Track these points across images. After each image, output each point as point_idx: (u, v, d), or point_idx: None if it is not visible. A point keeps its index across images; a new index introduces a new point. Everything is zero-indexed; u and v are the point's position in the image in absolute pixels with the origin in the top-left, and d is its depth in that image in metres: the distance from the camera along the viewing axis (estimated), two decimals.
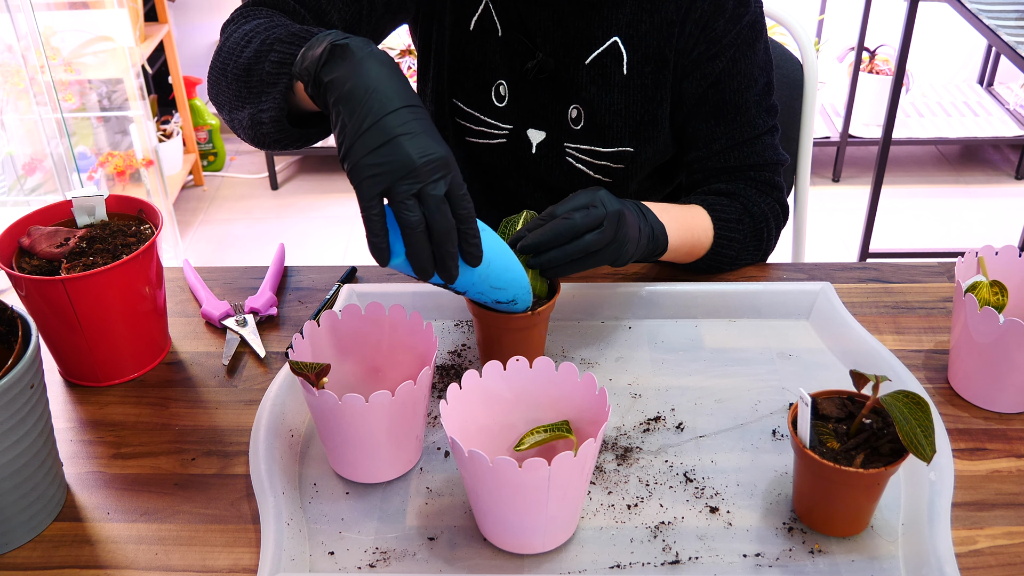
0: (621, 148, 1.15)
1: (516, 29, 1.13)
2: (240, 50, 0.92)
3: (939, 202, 3.21)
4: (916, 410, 0.73)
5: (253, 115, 0.91)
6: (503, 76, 1.16)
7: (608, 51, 1.11)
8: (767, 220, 1.15)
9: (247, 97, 0.91)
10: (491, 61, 1.15)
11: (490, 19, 1.14)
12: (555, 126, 1.16)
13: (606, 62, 1.11)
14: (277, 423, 0.90)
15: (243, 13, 1.01)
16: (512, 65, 1.15)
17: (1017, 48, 2.11)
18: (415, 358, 0.87)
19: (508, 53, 1.15)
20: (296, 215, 3.21)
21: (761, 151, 1.15)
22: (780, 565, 0.77)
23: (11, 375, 0.74)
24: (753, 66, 1.12)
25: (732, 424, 0.92)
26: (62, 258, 0.94)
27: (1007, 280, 0.94)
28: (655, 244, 1.01)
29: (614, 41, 1.11)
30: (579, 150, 1.16)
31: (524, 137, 1.17)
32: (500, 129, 1.18)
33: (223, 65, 0.95)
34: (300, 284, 1.15)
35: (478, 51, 1.16)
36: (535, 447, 0.79)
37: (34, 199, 2.65)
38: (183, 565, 0.79)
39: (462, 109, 1.19)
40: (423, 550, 0.79)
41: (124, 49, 2.66)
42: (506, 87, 1.15)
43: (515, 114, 1.17)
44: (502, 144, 1.19)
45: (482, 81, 1.17)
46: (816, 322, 1.05)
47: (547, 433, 0.78)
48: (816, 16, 3.42)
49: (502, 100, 1.16)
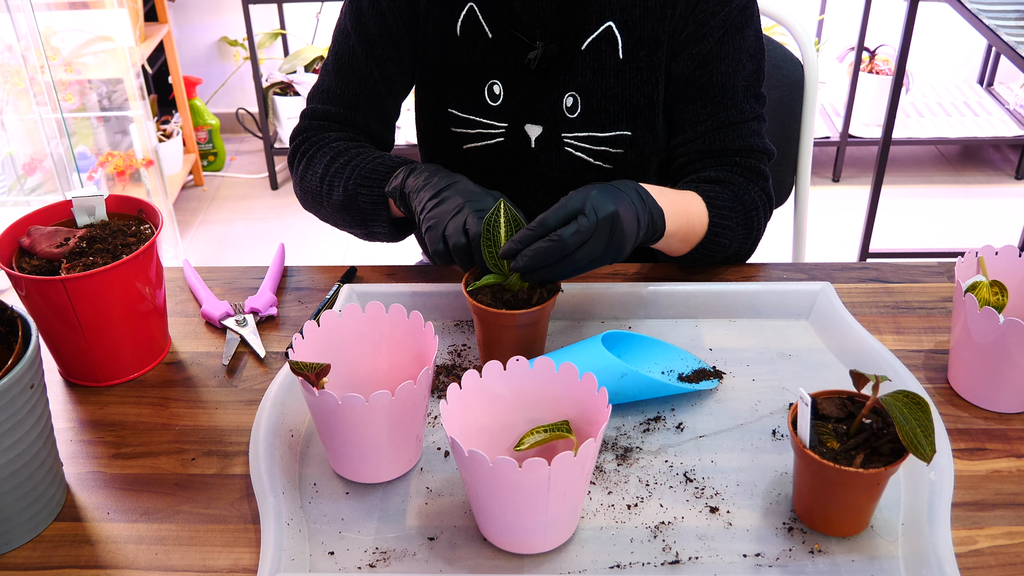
0: (619, 132, 1.15)
1: (509, 26, 1.13)
2: (328, 193, 1.15)
3: (939, 202, 3.21)
4: (916, 410, 0.73)
5: (366, 233, 1.17)
6: (496, 75, 1.16)
7: (603, 36, 1.12)
8: (756, 209, 1.14)
9: (353, 223, 1.16)
10: (482, 63, 1.16)
11: (475, 22, 1.15)
12: (551, 117, 1.16)
13: (601, 47, 1.13)
14: (277, 423, 0.90)
15: (304, 146, 1.20)
16: (505, 63, 1.15)
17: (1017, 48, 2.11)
18: (415, 358, 0.87)
19: (500, 51, 1.15)
20: (296, 215, 3.21)
21: (747, 136, 1.15)
22: (780, 565, 0.77)
23: (11, 375, 0.74)
24: (741, 50, 1.13)
25: (732, 424, 0.92)
26: (62, 258, 0.94)
27: (1007, 280, 0.94)
28: (653, 229, 0.99)
29: (608, 26, 1.12)
30: (577, 138, 1.16)
31: (522, 133, 1.17)
32: (497, 128, 1.18)
33: (315, 202, 1.19)
34: (300, 284, 1.15)
35: (467, 55, 1.16)
36: (535, 447, 0.79)
37: (34, 199, 2.65)
38: (183, 565, 0.79)
39: (457, 116, 1.19)
40: (423, 550, 0.79)
41: (124, 49, 2.66)
42: (500, 86, 1.16)
43: (511, 111, 1.17)
44: (500, 143, 1.19)
45: (474, 84, 1.17)
46: (816, 322, 1.05)
47: (547, 433, 0.78)
48: (816, 16, 3.41)
49: (496, 99, 1.17)
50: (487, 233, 0.91)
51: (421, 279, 1.14)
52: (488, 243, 0.91)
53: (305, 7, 3.40)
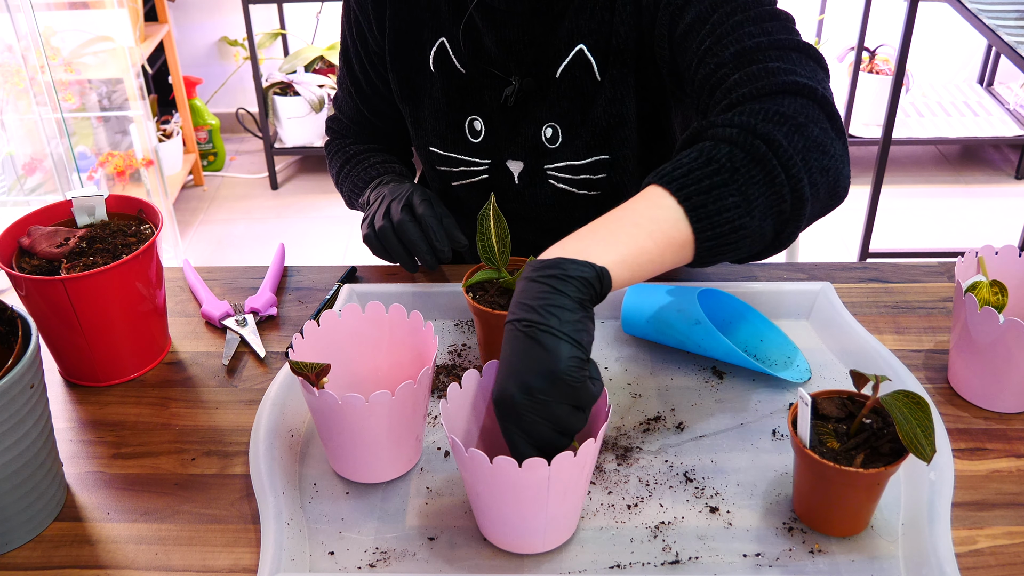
0: (596, 158, 1.12)
1: (481, 62, 1.11)
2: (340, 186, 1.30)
3: (939, 202, 3.21)
4: (916, 410, 0.73)
5: None
6: (475, 111, 1.14)
7: (576, 60, 1.08)
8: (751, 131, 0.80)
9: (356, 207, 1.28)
10: (458, 99, 1.14)
11: (446, 58, 1.12)
12: (532, 152, 1.13)
13: (575, 73, 1.08)
14: (277, 423, 0.90)
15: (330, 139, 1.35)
16: (483, 99, 1.13)
17: (1017, 48, 2.11)
18: (415, 358, 0.87)
19: (476, 87, 1.12)
20: (296, 215, 3.21)
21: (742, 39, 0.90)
22: (780, 565, 0.77)
23: (11, 375, 0.74)
24: None
25: (732, 424, 0.92)
26: (62, 258, 0.94)
27: (1007, 280, 0.94)
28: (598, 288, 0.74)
29: (580, 49, 1.07)
30: (558, 168, 1.13)
31: (505, 168, 1.15)
32: (480, 164, 1.16)
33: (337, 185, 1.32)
34: (300, 284, 1.15)
35: (442, 92, 1.14)
36: None
37: (34, 199, 2.65)
38: (183, 565, 0.79)
39: (439, 155, 1.18)
40: (423, 550, 0.79)
41: (124, 49, 2.66)
42: (481, 122, 1.13)
43: (493, 147, 1.15)
44: (484, 180, 1.17)
45: (453, 120, 1.15)
46: (816, 322, 1.05)
47: None
48: (816, 16, 3.42)
49: (478, 135, 1.14)
50: (480, 227, 0.93)
51: (421, 279, 1.14)
52: (481, 236, 0.93)
53: (305, 7, 3.40)
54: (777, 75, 0.86)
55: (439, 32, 1.12)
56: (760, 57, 0.89)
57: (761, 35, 0.91)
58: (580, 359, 0.70)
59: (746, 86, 0.86)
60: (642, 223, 0.76)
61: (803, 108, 0.83)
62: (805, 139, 0.81)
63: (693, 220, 0.77)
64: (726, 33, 0.92)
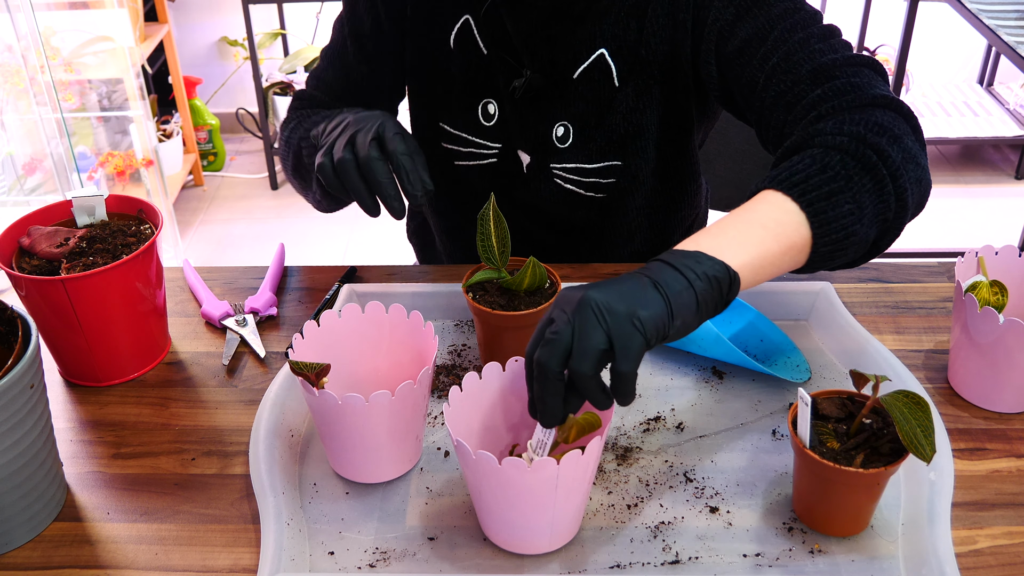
0: (608, 163, 1.11)
1: (501, 47, 1.10)
2: (286, 156, 1.17)
3: (939, 202, 3.21)
4: (916, 410, 0.73)
5: (313, 200, 1.16)
6: (491, 94, 1.13)
7: (595, 64, 1.07)
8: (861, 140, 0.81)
9: (305, 187, 1.15)
10: (476, 79, 1.12)
11: (471, 36, 1.11)
12: (540, 147, 1.12)
13: (594, 76, 1.08)
14: (277, 423, 0.90)
15: (288, 118, 1.21)
16: (498, 84, 1.12)
17: (1017, 48, 2.11)
18: (415, 358, 0.87)
19: (495, 71, 1.11)
20: (296, 215, 3.21)
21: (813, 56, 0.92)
22: (780, 565, 0.77)
23: (11, 375, 0.74)
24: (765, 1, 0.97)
25: (732, 424, 0.92)
26: (62, 258, 0.94)
27: (1007, 280, 0.94)
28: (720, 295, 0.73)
29: (600, 53, 1.06)
30: (566, 169, 1.12)
31: (515, 156, 1.14)
32: (490, 148, 1.15)
33: (284, 166, 1.19)
34: (300, 284, 1.15)
35: (461, 70, 1.13)
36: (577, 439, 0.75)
37: (34, 199, 2.65)
38: (183, 565, 0.79)
39: (449, 132, 1.16)
40: (423, 550, 0.79)
41: (124, 49, 2.66)
42: (495, 105, 1.12)
43: (505, 133, 1.14)
44: (493, 164, 1.16)
45: (468, 101, 1.14)
46: (816, 322, 1.05)
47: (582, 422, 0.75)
48: None
49: (491, 119, 1.13)
50: (480, 227, 0.92)
51: (421, 279, 1.14)
52: (481, 236, 0.92)
53: (305, 7, 3.40)
54: (863, 89, 0.88)
55: (463, 8, 1.11)
56: (838, 73, 0.90)
57: (831, 52, 0.93)
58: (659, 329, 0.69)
59: (832, 100, 0.88)
60: (769, 225, 0.77)
61: (894, 121, 0.85)
62: (903, 150, 0.83)
63: (814, 225, 0.78)
64: (795, 50, 0.93)
